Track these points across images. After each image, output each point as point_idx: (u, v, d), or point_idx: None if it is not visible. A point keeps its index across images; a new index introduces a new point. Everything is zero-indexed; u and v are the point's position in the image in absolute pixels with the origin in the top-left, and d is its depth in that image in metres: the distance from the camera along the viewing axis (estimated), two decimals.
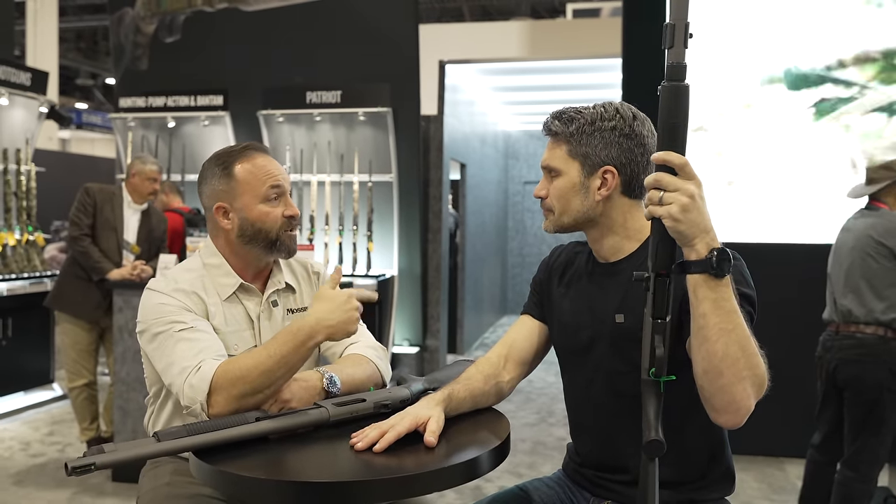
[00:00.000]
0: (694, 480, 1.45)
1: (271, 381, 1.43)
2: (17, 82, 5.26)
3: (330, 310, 1.49)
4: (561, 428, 4.74)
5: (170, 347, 1.51)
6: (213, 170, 1.67)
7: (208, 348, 1.51)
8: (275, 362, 1.43)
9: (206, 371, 1.44)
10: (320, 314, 1.49)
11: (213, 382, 1.42)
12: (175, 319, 1.54)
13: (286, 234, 1.67)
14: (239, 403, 1.42)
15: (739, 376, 1.19)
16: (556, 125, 1.49)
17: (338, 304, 1.50)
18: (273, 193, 1.64)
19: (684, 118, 1.17)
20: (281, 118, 5.70)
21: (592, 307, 1.51)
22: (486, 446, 1.31)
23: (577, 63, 7.00)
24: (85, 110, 15.46)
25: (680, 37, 1.15)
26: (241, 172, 1.64)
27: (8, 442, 4.33)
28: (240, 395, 1.42)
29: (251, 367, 1.42)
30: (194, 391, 1.43)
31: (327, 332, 1.48)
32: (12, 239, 5.14)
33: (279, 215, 1.65)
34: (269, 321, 1.70)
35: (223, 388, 1.42)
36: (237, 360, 1.46)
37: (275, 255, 1.68)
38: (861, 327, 2.84)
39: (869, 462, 2.83)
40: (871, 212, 2.97)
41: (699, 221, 1.16)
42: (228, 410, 1.41)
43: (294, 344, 1.45)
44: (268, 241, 1.65)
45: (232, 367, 1.44)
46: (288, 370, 1.45)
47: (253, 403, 1.43)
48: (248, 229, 1.64)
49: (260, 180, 1.64)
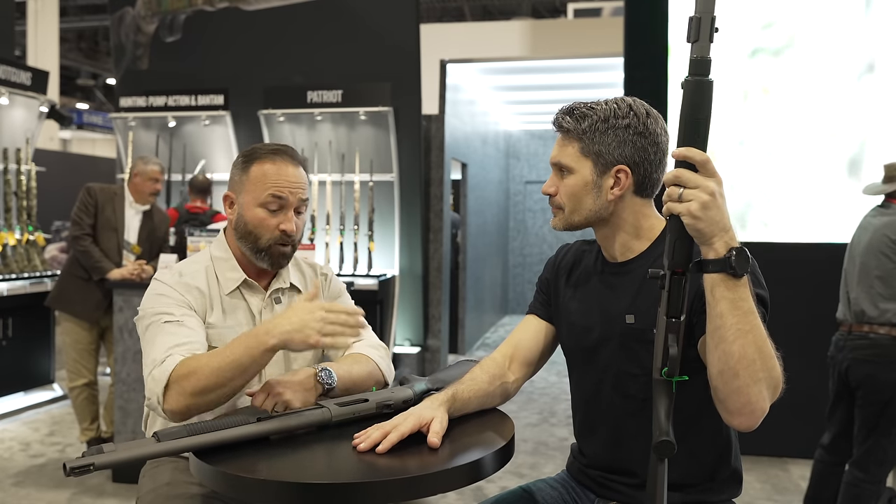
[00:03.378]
0: (701, 482, 1.44)
1: (222, 381, 1.40)
2: (17, 82, 5.25)
3: (288, 317, 1.42)
4: (563, 428, 4.72)
5: (150, 338, 1.51)
6: (239, 159, 1.69)
7: (185, 343, 1.49)
8: (227, 362, 1.40)
9: (168, 365, 1.43)
10: (278, 320, 1.42)
11: (170, 376, 1.41)
12: (165, 311, 1.54)
13: (277, 247, 1.64)
14: (191, 401, 1.40)
15: (755, 378, 1.17)
16: (568, 121, 1.45)
17: (299, 312, 1.42)
18: (273, 202, 1.61)
19: (707, 114, 1.14)
20: (282, 118, 5.69)
21: (602, 307, 1.48)
22: (490, 447, 1.29)
23: (578, 62, 7.00)
24: (86, 110, 15.45)
25: (706, 31, 1.12)
26: (255, 171, 1.63)
27: (8, 442, 4.32)
28: (192, 392, 1.39)
29: (203, 365, 1.41)
30: (155, 383, 1.42)
31: (281, 338, 1.39)
32: (13, 239, 5.13)
33: (273, 226, 1.62)
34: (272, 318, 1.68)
35: (177, 382, 1.40)
36: (195, 357, 1.45)
37: (259, 262, 1.66)
38: (874, 328, 2.82)
39: (879, 462, 2.82)
40: (887, 210, 2.94)
41: (719, 220, 1.14)
42: (181, 407, 1.40)
43: (246, 346, 1.41)
44: (256, 246, 1.63)
45: (188, 363, 1.42)
46: (240, 372, 1.41)
47: (206, 403, 1.41)
48: (241, 227, 1.64)
49: (265, 185, 1.62)
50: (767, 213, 4.05)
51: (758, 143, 4.05)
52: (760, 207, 4.05)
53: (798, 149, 4.00)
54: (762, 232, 4.04)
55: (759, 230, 4.05)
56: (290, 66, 5.89)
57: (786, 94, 4.01)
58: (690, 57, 1.14)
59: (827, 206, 3.94)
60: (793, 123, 4.00)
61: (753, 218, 4.04)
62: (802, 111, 3.99)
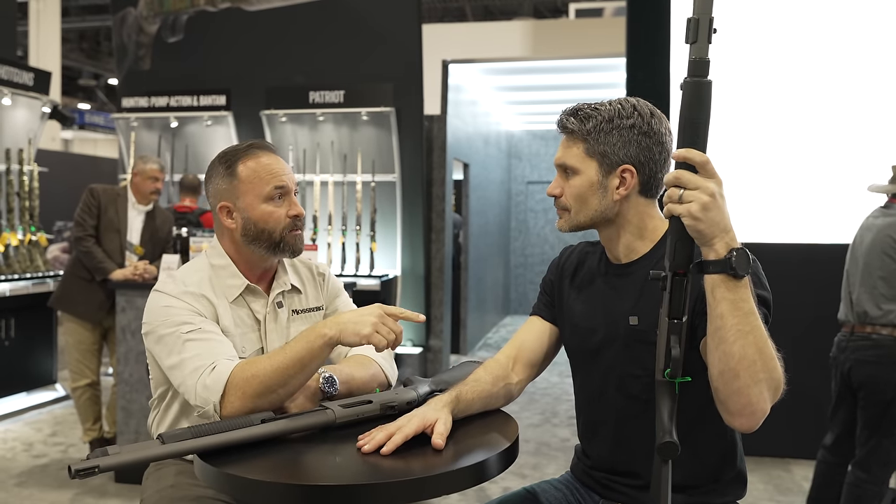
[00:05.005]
0: (705, 484, 1.43)
1: (285, 380, 1.42)
2: (19, 82, 5.25)
3: (349, 313, 1.49)
4: (565, 429, 4.72)
5: (178, 347, 1.49)
6: (218, 169, 1.65)
7: (220, 350, 1.49)
8: (289, 359, 1.42)
9: (221, 371, 1.43)
10: (338, 315, 1.49)
11: (228, 382, 1.41)
12: (183, 321, 1.52)
13: (291, 234, 1.64)
14: (253, 403, 1.40)
15: (756, 379, 1.17)
16: (572, 122, 1.45)
17: (360, 309, 1.50)
18: (277, 193, 1.61)
19: (706, 115, 1.14)
20: (284, 118, 5.69)
21: (605, 309, 1.48)
22: (494, 449, 1.29)
23: (579, 63, 7.00)
24: (88, 111, 15.47)
25: (704, 32, 1.12)
26: (244, 171, 1.62)
27: (11, 443, 4.32)
28: (254, 395, 1.40)
29: (265, 366, 1.42)
30: (208, 391, 1.42)
31: (337, 328, 1.44)
32: (15, 239, 5.13)
33: (283, 215, 1.62)
34: (275, 322, 1.68)
35: (238, 386, 1.41)
36: (253, 360, 1.46)
37: (279, 255, 1.66)
38: (877, 328, 2.81)
39: (881, 463, 2.81)
40: (890, 211, 2.93)
41: (719, 220, 1.14)
42: (242, 411, 1.40)
43: (305, 341, 1.44)
44: (271, 241, 1.62)
45: (247, 367, 1.43)
46: (301, 368, 1.43)
47: (266, 404, 1.41)
48: (251, 229, 1.62)
49: (263, 180, 1.61)
50: (768, 213, 4.05)
51: (758, 143, 4.05)
52: (761, 207, 4.05)
53: (798, 149, 4.00)
54: (763, 232, 4.04)
55: (760, 230, 4.04)
56: (293, 66, 5.89)
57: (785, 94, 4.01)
58: (689, 58, 1.14)
59: (827, 207, 3.93)
60: (793, 123, 4.00)
61: (754, 218, 4.04)
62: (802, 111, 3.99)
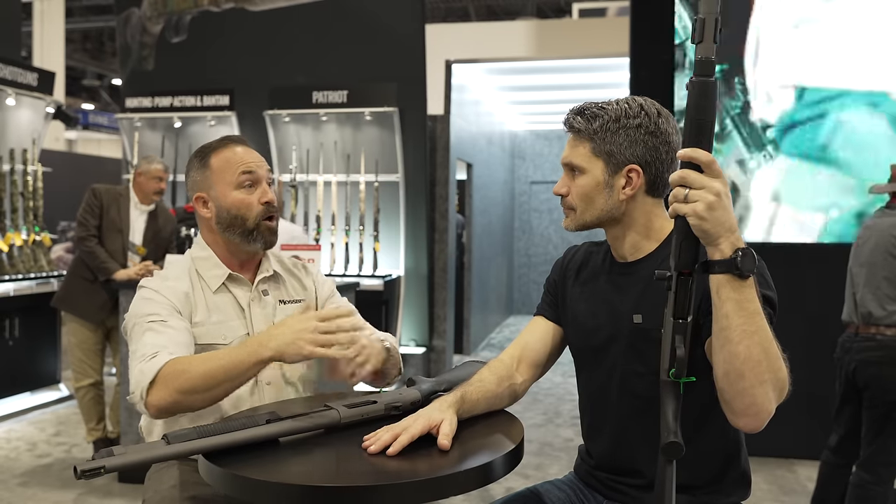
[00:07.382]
0: (709, 484, 1.43)
1: (210, 386, 1.43)
2: (23, 83, 5.25)
3: (282, 331, 1.45)
4: (568, 429, 4.72)
5: (137, 336, 1.54)
6: (193, 162, 1.75)
7: (171, 343, 1.51)
8: (218, 367, 1.43)
9: (157, 361, 1.45)
10: (271, 332, 1.46)
11: (159, 372, 1.43)
12: (151, 311, 1.57)
13: (264, 223, 1.69)
14: (176, 397, 1.42)
15: (761, 379, 1.17)
16: (579, 122, 1.45)
17: (292, 325, 1.45)
18: (246, 180, 1.68)
19: (712, 115, 1.14)
20: (287, 118, 5.69)
21: (610, 307, 1.48)
22: (500, 450, 1.29)
23: (583, 62, 6.99)
24: (91, 111, 15.48)
25: (710, 31, 1.12)
26: (216, 162, 1.70)
27: (14, 442, 4.33)
28: (179, 390, 1.42)
29: (196, 366, 1.43)
30: (142, 376, 1.44)
31: (275, 351, 1.42)
32: (19, 239, 5.14)
33: (254, 202, 1.68)
34: (262, 308, 1.71)
35: (166, 378, 1.42)
36: (188, 357, 1.48)
37: (253, 244, 1.69)
38: (881, 329, 2.81)
39: (886, 464, 2.81)
40: (892, 211, 2.93)
41: (724, 220, 1.14)
42: (167, 403, 1.42)
43: (240, 356, 1.44)
44: (245, 228, 1.68)
45: (180, 361, 1.45)
46: (228, 379, 1.43)
47: (190, 403, 1.44)
48: (224, 216, 1.68)
49: (233, 167, 1.68)
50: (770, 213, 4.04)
51: None
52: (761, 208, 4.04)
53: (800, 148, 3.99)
54: (765, 232, 4.03)
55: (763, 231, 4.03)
56: (296, 66, 5.90)
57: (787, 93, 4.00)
58: (695, 58, 1.14)
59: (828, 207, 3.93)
60: None
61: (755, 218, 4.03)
62: None
